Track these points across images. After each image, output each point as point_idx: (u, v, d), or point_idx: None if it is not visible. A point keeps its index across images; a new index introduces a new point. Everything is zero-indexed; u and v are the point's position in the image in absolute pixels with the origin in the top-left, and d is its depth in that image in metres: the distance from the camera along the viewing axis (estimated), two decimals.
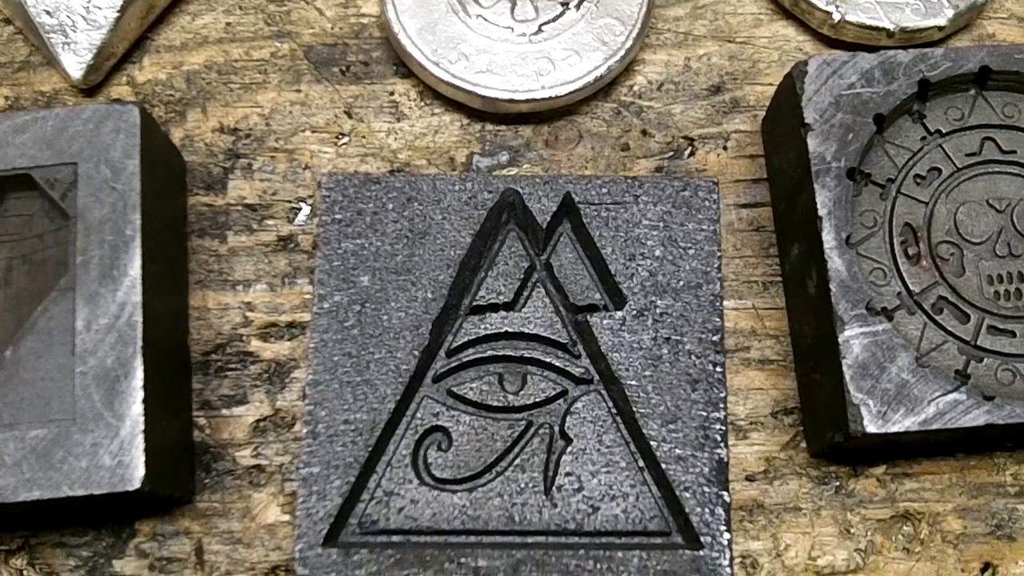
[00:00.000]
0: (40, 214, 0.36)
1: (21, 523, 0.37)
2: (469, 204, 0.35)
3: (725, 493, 0.32)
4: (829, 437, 0.34)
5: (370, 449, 0.32)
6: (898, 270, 0.35)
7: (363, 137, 0.40)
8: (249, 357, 0.38)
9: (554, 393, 0.33)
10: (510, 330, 0.34)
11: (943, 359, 0.34)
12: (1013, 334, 0.34)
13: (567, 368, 0.34)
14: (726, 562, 0.31)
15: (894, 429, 0.32)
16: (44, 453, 0.32)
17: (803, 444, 0.37)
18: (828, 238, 0.34)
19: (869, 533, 0.37)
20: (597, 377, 0.34)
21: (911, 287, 0.35)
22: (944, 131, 0.36)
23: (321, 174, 0.39)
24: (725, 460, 0.32)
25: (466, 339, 0.34)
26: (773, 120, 0.39)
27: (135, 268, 0.34)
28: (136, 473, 0.32)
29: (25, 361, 0.33)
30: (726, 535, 0.31)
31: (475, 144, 0.40)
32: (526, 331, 0.34)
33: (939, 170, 0.36)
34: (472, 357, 0.34)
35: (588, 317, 0.34)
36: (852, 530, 0.37)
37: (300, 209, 0.39)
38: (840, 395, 0.33)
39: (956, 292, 0.35)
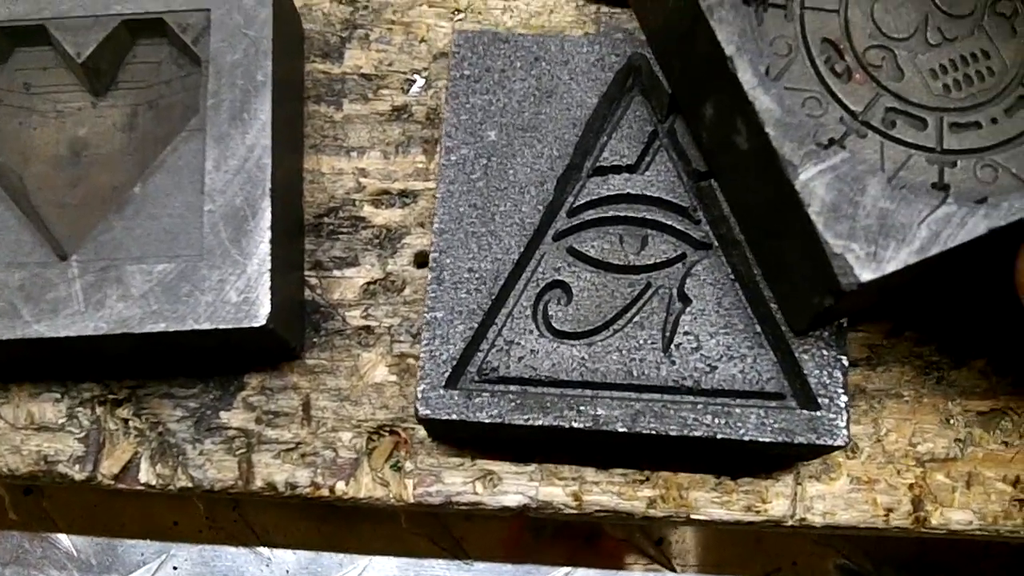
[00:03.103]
0: (168, 61, 0.36)
1: (129, 370, 0.37)
2: (596, 66, 0.35)
3: (844, 358, 0.32)
4: (817, 304, 0.30)
5: (493, 298, 0.33)
6: (831, 93, 0.30)
7: (479, 13, 0.40)
8: (361, 222, 0.38)
9: (674, 255, 0.34)
10: (632, 192, 0.34)
11: (914, 176, 0.29)
12: (978, 125, 0.30)
13: (687, 232, 0.34)
14: (843, 423, 0.31)
15: (891, 268, 0.27)
16: (171, 286, 0.33)
17: (907, 333, 0.37)
18: (746, 76, 0.29)
19: (968, 424, 0.37)
20: (717, 242, 0.34)
21: (852, 108, 0.30)
22: None
23: (437, 46, 0.40)
24: (845, 326, 0.32)
25: (588, 199, 0.34)
26: None
27: (265, 112, 0.34)
28: (262, 310, 0.32)
29: (153, 198, 0.34)
30: (843, 397, 0.32)
31: (590, 25, 0.40)
32: (648, 194, 0.34)
33: None
34: (593, 217, 0.34)
35: (711, 182, 0.34)
36: (952, 420, 0.37)
37: (415, 80, 0.40)
38: (816, 250, 0.28)
39: (902, 98, 0.30)
